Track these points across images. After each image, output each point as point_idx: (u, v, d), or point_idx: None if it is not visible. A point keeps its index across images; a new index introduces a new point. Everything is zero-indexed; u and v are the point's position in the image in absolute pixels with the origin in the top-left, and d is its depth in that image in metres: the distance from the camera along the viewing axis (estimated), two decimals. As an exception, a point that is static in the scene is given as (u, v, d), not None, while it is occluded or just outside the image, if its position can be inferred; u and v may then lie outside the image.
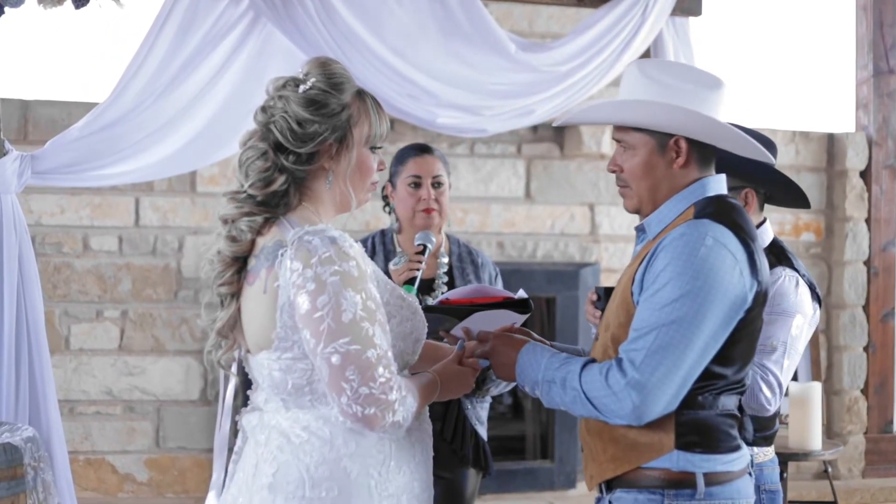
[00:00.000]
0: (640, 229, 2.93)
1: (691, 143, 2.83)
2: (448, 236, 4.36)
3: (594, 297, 3.45)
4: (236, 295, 2.74)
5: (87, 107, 5.29)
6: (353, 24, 5.17)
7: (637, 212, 2.93)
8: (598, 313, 3.39)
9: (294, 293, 2.58)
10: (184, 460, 6.29)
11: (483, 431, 4.23)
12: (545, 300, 6.69)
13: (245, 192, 2.72)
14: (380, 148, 2.84)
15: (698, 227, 2.71)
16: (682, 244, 2.69)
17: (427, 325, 2.87)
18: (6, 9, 4.44)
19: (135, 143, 4.87)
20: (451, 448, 4.12)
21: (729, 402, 2.77)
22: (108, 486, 6.19)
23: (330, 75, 2.75)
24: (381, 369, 2.56)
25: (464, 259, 4.32)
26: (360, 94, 2.80)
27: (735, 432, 2.79)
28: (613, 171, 2.91)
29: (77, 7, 4.52)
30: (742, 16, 7.48)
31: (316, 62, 2.78)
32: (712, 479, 2.73)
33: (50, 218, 6.12)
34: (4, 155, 4.58)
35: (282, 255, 2.62)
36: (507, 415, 7.19)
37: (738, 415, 2.81)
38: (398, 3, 5.30)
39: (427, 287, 4.16)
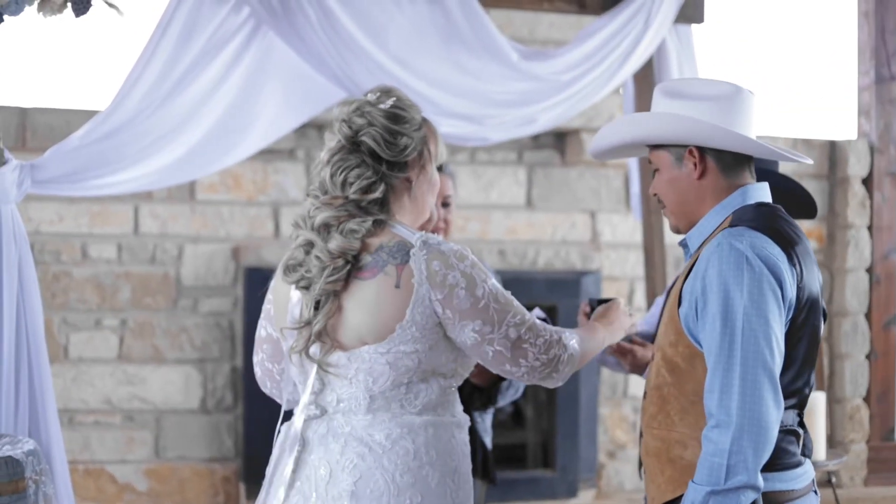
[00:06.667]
0: (683, 245, 2.93)
1: (707, 150, 2.83)
2: None
3: (587, 310, 3.43)
4: (338, 294, 2.79)
5: (86, 115, 5.26)
6: (354, 32, 5.13)
7: (679, 231, 2.94)
8: None
9: (446, 293, 2.74)
10: (183, 470, 6.26)
11: (488, 441, 4.24)
12: (546, 308, 6.66)
13: (345, 197, 2.81)
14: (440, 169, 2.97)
15: (734, 234, 2.70)
16: (717, 257, 2.69)
17: None
18: (5, 17, 4.39)
19: (136, 153, 4.82)
20: None
21: (786, 417, 2.73)
22: (108, 495, 6.16)
23: (403, 97, 2.92)
24: (539, 323, 2.84)
25: None
26: (424, 117, 2.96)
27: (795, 448, 2.75)
28: (655, 196, 2.95)
29: (77, 15, 4.48)
30: (744, 22, 7.47)
31: (382, 88, 2.94)
32: (773, 499, 2.68)
33: (48, 226, 6.09)
34: (4, 164, 4.53)
35: (413, 254, 2.74)
36: (508, 423, 7.15)
37: (797, 430, 2.77)
38: (399, 10, 5.27)
39: None
